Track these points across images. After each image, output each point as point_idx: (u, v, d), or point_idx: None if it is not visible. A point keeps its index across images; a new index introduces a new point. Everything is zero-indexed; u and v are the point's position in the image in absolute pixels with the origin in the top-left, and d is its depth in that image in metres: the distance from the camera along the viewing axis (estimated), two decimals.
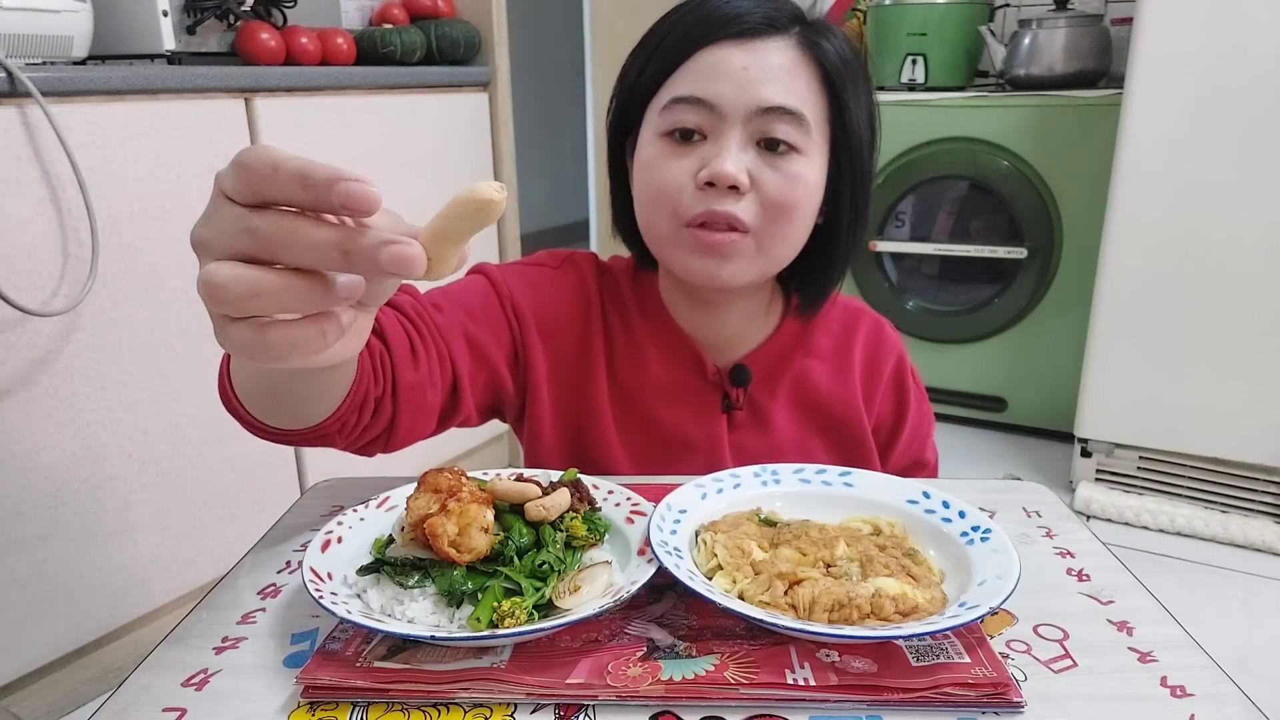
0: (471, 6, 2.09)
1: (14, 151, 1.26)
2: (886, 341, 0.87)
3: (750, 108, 0.69)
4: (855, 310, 0.88)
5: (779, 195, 0.70)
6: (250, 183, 0.35)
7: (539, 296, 0.81)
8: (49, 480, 1.36)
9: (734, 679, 0.48)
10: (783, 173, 0.70)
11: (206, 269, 0.36)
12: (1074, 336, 2.22)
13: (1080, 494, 2.08)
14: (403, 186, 1.91)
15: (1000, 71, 2.42)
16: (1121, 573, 0.62)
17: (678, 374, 0.82)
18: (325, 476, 0.82)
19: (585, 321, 0.82)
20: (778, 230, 0.71)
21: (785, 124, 0.69)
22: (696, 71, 0.70)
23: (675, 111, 0.71)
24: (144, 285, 1.44)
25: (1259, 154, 1.78)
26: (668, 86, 0.72)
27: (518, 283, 0.80)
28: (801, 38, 0.71)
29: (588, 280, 0.83)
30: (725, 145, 0.69)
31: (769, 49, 0.70)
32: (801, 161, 0.70)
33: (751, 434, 0.83)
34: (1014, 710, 0.47)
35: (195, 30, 1.60)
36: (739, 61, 0.69)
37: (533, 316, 0.79)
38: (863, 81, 0.74)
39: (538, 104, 4.26)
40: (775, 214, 0.71)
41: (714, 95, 0.69)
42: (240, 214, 0.36)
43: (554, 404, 0.82)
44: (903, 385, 0.88)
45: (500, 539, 0.56)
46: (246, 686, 0.51)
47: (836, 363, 0.85)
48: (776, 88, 0.69)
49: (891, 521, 0.63)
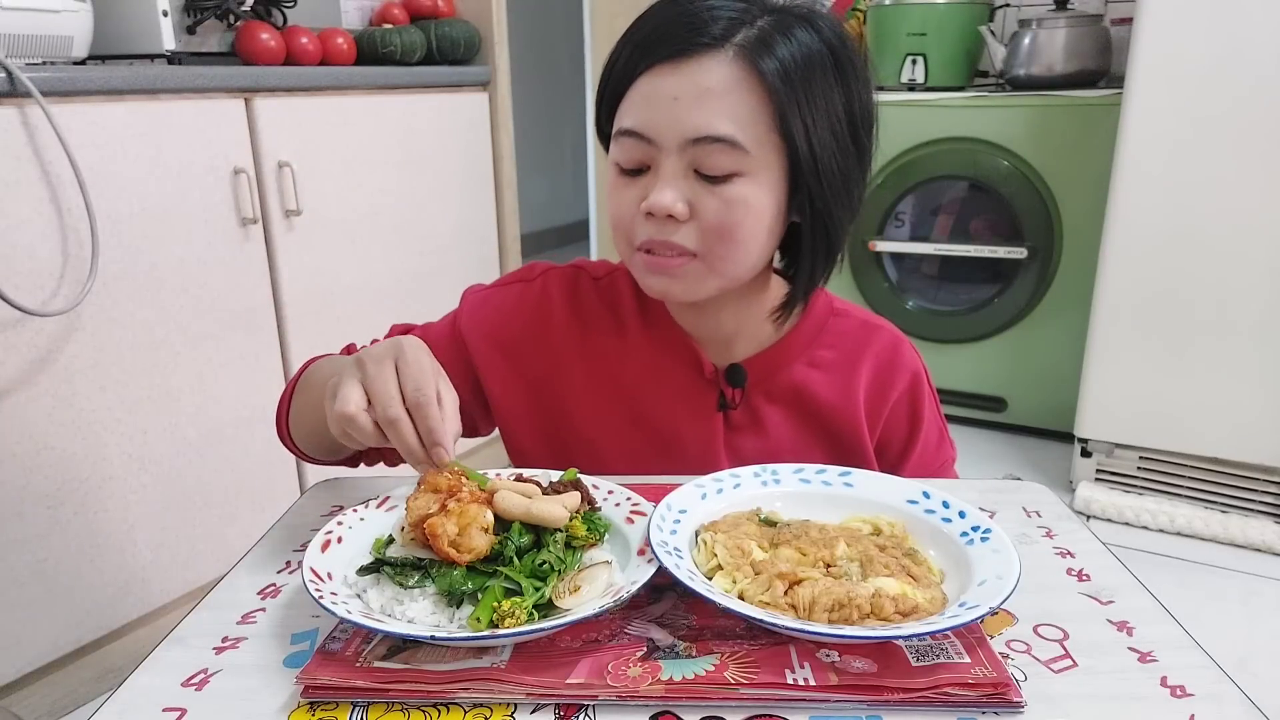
0: (471, 6, 2.09)
1: (14, 151, 1.26)
2: (901, 360, 0.86)
3: (682, 138, 0.68)
4: (873, 327, 0.86)
5: (719, 221, 0.70)
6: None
7: (494, 319, 0.85)
8: (49, 480, 1.36)
9: (734, 679, 0.48)
10: (722, 198, 0.69)
11: (350, 412, 0.61)
12: (1074, 336, 2.22)
13: (1080, 494, 2.08)
14: (403, 186, 1.91)
15: (1000, 71, 2.42)
16: (1121, 573, 0.62)
17: (674, 371, 0.83)
18: (325, 476, 0.82)
19: (547, 332, 0.84)
20: (725, 253, 0.71)
21: (718, 152, 0.68)
22: (638, 100, 0.70)
23: (621, 145, 0.72)
24: (144, 285, 1.44)
25: (1259, 154, 1.78)
26: (620, 111, 0.73)
27: (473, 311, 0.86)
28: (741, 50, 0.67)
29: (552, 292, 0.85)
30: (662, 176, 0.69)
31: (700, 69, 0.67)
32: (743, 184, 0.69)
33: (748, 436, 0.83)
34: (1014, 710, 0.47)
35: (195, 30, 1.60)
36: (670, 89, 0.68)
37: (485, 338, 0.84)
38: (829, 75, 0.69)
39: (538, 104, 4.26)
40: (717, 238, 0.70)
41: (649, 128, 0.69)
42: (381, 410, 0.61)
43: (531, 416, 0.85)
44: (917, 403, 0.87)
45: (500, 539, 0.56)
46: (246, 686, 0.51)
47: (839, 375, 0.84)
48: (707, 115, 0.67)
49: (891, 521, 0.63)
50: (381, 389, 0.61)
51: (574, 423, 0.84)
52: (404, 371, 0.62)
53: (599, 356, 0.84)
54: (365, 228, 1.83)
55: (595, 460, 0.82)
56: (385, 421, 0.61)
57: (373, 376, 0.62)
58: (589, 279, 0.87)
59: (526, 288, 0.87)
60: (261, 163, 1.60)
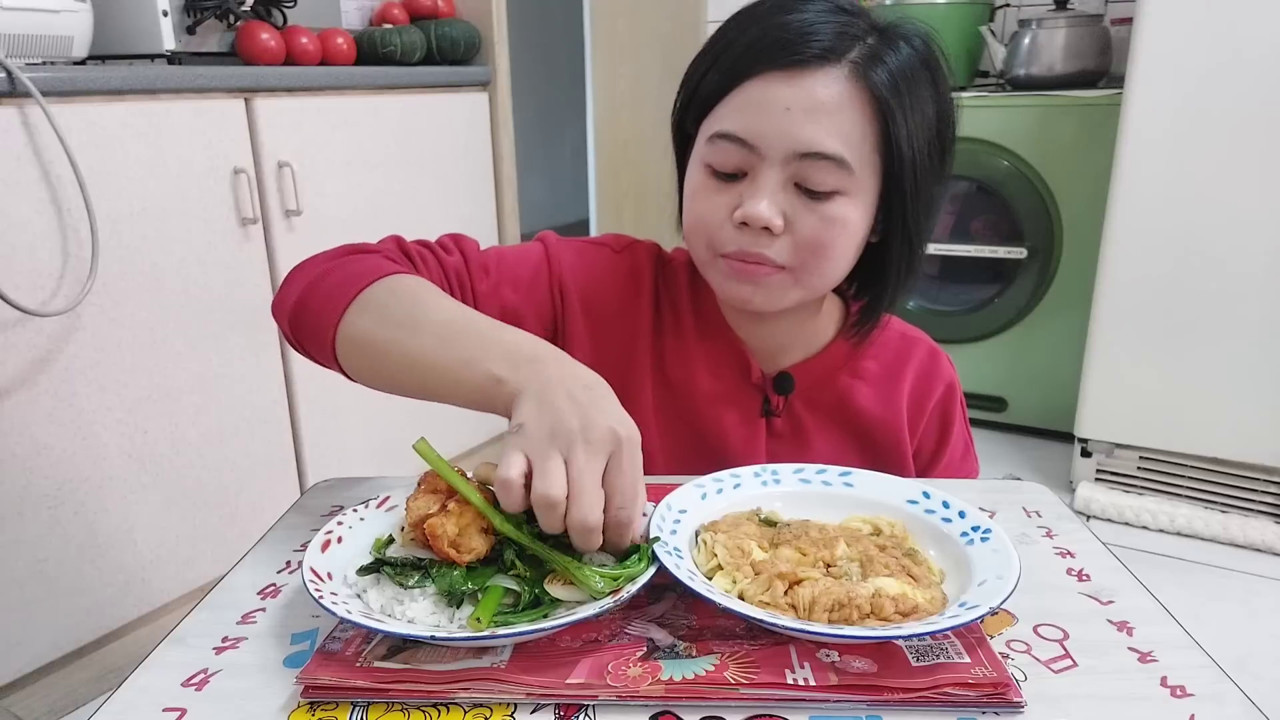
0: (471, 6, 2.09)
1: (14, 151, 1.26)
2: (939, 370, 0.86)
3: (789, 151, 0.67)
4: (912, 339, 0.87)
5: (814, 237, 0.69)
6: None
7: (591, 276, 0.81)
8: (49, 480, 1.36)
9: (734, 679, 0.48)
10: (820, 215, 0.69)
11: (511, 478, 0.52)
12: (1074, 336, 2.22)
13: (1080, 494, 2.08)
14: (403, 186, 1.91)
15: (1000, 71, 2.42)
16: (1121, 573, 0.62)
17: (723, 374, 0.82)
18: (325, 476, 0.82)
19: (634, 310, 0.82)
20: (816, 267, 0.71)
21: (825, 169, 0.67)
22: (742, 104, 0.69)
23: (718, 147, 0.70)
24: (144, 285, 1.44)
25: (1259, 154, 1.78)
26: (717, 113, 0.71)
27: (572, 260, 0.81)
28: (855, 66, 0.67)
29: (644, 270, 0.83)
30: (761, 186, 0.68)
31: (816, 83, 0.67)
32: (843, 203, 0.69)
33: (789, 445, 0.83)
34: (1014, 710, 0.47)
35: (195, 30, 1.60)
36: (783, 99, 0.67)
37: (579, 295, 0.80)
38: (926, 87, 0.70)
39: (538, 104, 4.26)
40: (811, 253, 0.70)
41: (754, 135, 0.68)
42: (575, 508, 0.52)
43: None
44: (948, 413, 0.87)
45: (500, 539, 0.55)
46: (246, 686, 0.51)
47: (883, 388, 0.84)
48: (819, 130, 0.66)
49: (891, 521, 0.63)
50: (587, 489, 0.52)
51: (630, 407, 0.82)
52: (614, 482, 0.53)
53: (661, 347, 0.83)
54: (365, 228, 1.83)
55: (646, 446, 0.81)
56: (576, 525, 0.51)
57: (580, 469, 0.52)
58: (663, 263, 0.85)
59: (617, 257, 0.84)
60: (261, 163, 1.60)
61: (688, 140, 0.76)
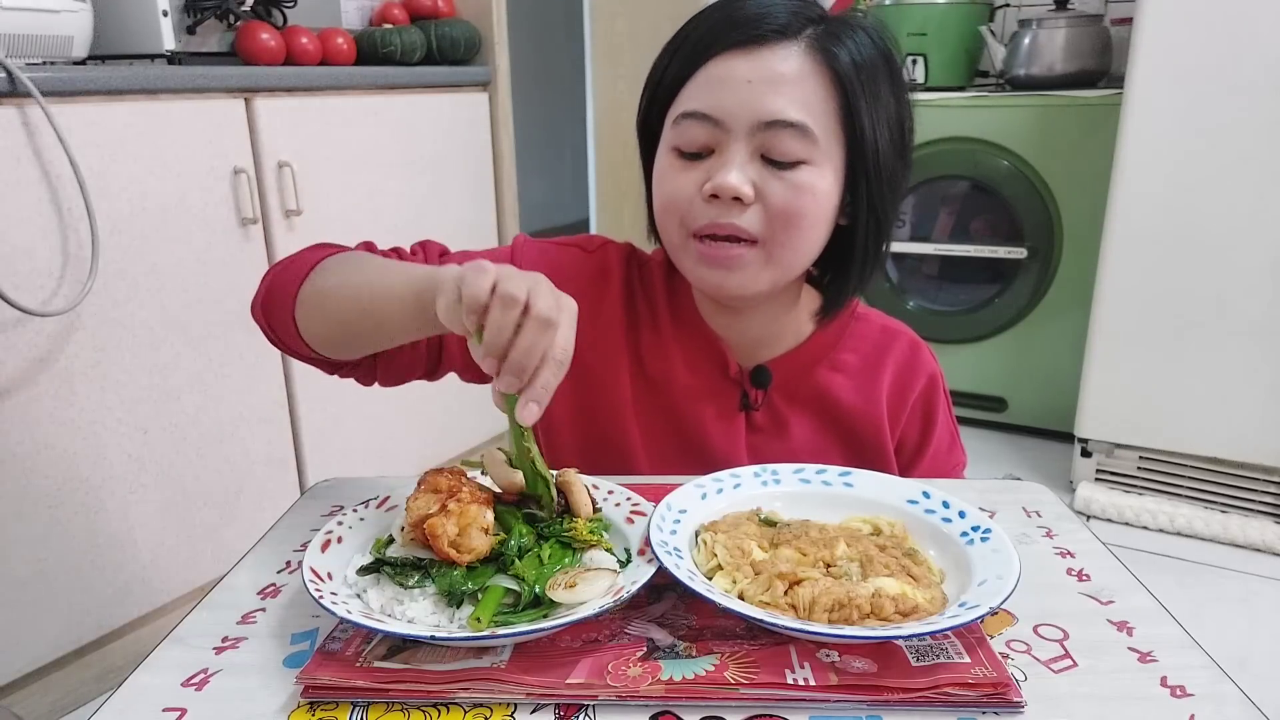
0: (471, 6, 2.09)
1: (14, 151, 1.26)
2: (919, 362, 0.86)
3: (753, 121, 0.69)
4: (893, 332, 0.87)
5: (785, 205, 0.70)
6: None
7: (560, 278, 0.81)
8: (49, 480, 1.36)
9: (734, 679, 0.48)
10: (788, 183, 0.70)
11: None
12: (1074, 336, 2.22)
13: (1080, 494, 2.08)
14: (403, 186, 1.91)
15: (1000, 71, 2.42)
16: (1121, 573, 0.62)
17: (700, 369, 0.83)
18: (325, 476, 0.82)
19: (602, 307, 0.82)
20: (787, 239, 0.71)
21: (789, 137, 0.69)
22: (705, 83, 0.71)
23: (684, 127, 0.71)
24: (144, 285, 1.44)
25: (1259, 154, 1.78)
26: (680, 98, 0.72)
27: (535, 258, 0.82)
28: (812, 42, 0.70)
29: (614, 268, 0.84)
30: (729, 158, 0.69)
31: (775, 57, 0.69)
32: (809, 171, 0.70)
33: (769, 438, 0.83)
34: (1014, 710, 0.47)
35: (195, 30, 1.60)
36: (743, 73, 0.69)
37: None
38: (885, 81, 0.72)
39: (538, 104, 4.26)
40: (783, 223, 0.71)
41: (718, 109, 0.69)
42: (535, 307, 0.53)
43: (570, 391, 0.81)
44: (931, 406, 0.87)
45: (500, 539, 0.56)
46: (246, 686, 0.51)
47: (862, 380, 0.84)
48: (780, 100, 0.68)
49: (891, 521, 0.63)
50: (544, 294, 0.54)
51: (606, 408, 0.83)
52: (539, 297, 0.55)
53: (637, 344, 0.83)
54: (365, 228, 1.83)
55: (623, 449, 0.82)
56: (540, 316, 0.53)
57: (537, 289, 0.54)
58: (638, 262, 0.86)
59: (586, 256, 0.85)
60: (261, 163, 1.60)
61: (654, 142, 0.77)
